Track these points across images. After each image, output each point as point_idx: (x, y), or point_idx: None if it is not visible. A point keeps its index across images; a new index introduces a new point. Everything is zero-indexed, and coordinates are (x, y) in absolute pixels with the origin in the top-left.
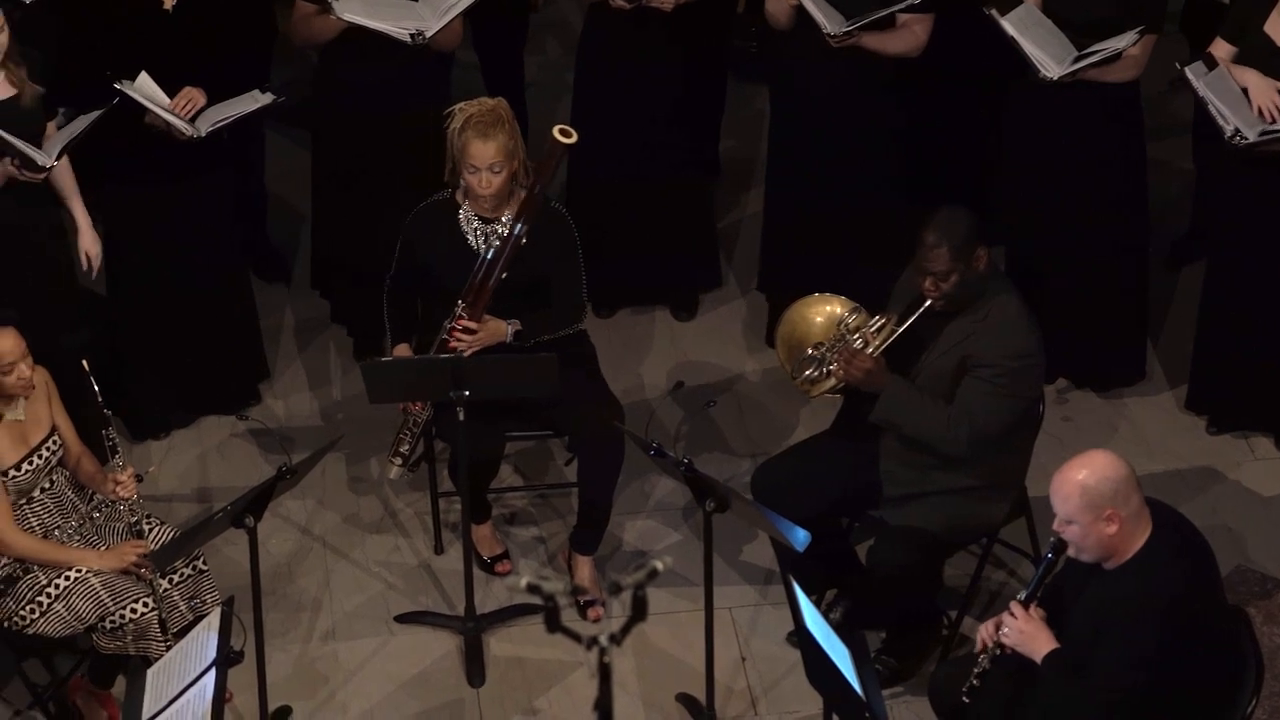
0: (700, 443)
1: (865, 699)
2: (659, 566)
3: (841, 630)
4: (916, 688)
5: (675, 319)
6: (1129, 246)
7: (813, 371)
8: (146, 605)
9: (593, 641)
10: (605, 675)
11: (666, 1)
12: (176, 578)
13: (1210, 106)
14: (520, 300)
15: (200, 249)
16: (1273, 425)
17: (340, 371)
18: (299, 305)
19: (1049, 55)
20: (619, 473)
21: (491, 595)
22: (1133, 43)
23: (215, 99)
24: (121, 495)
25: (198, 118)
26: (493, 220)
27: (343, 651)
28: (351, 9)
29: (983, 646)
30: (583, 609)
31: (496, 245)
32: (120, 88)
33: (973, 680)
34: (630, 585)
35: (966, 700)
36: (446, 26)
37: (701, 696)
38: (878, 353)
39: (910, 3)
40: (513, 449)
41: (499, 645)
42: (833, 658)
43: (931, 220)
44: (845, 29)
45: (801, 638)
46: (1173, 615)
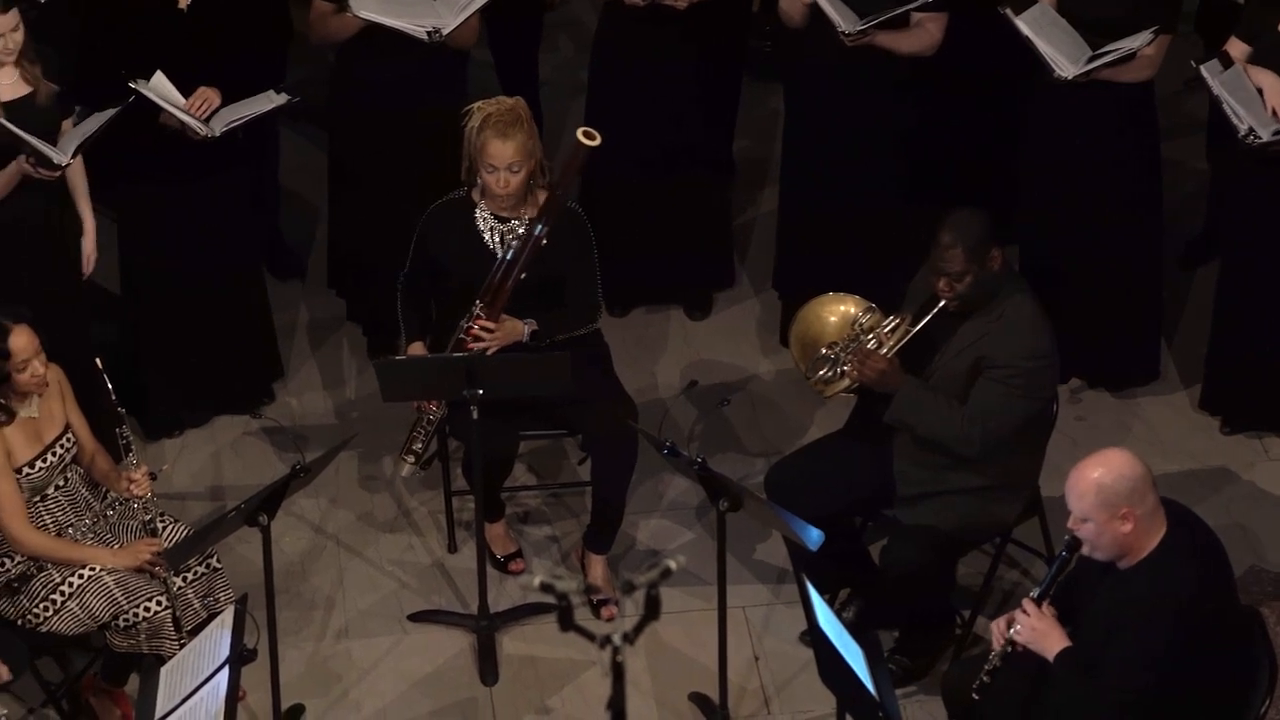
0: (714, 442)
1: (879, 698)
2: (672, 566)
3: (855, 629)
4: (930, 687)
5: (689, 318)
6: (1143, 246)
7: (827, 371)
8: (160, 604)
9: (606, 640)
10: (618, 674)
11: (680, 0)
12: (190, 576)
13: (1225, 105)
14: (535, 300)
15: (215, 248)
16: None
17: (354, 370)
18: (314, 303)
19: (1064, 55)
20: (632, 472)
21: (505, 594)
22: (1147, 42)
23: (230, 99)
24: (135, 493)
25: (212, 118)
26: (509, 219)
27: (356, 650)
28: (368, 7)
29: (996, 643)
30: (596, 608)
31: (516, 245)
32: (135, 87)
33: (983, 677)
34: (643, 584)
35: (976, 697)
36: (463, 24)
37: (714, 696)
38: (892, 353)
39: (924, 1)
40: (526, 448)
41: (512, 644)
42: (846, 657)
43: (946, 221)
44: (860, 27)
45: (815, 637)
46: (1186, 616)
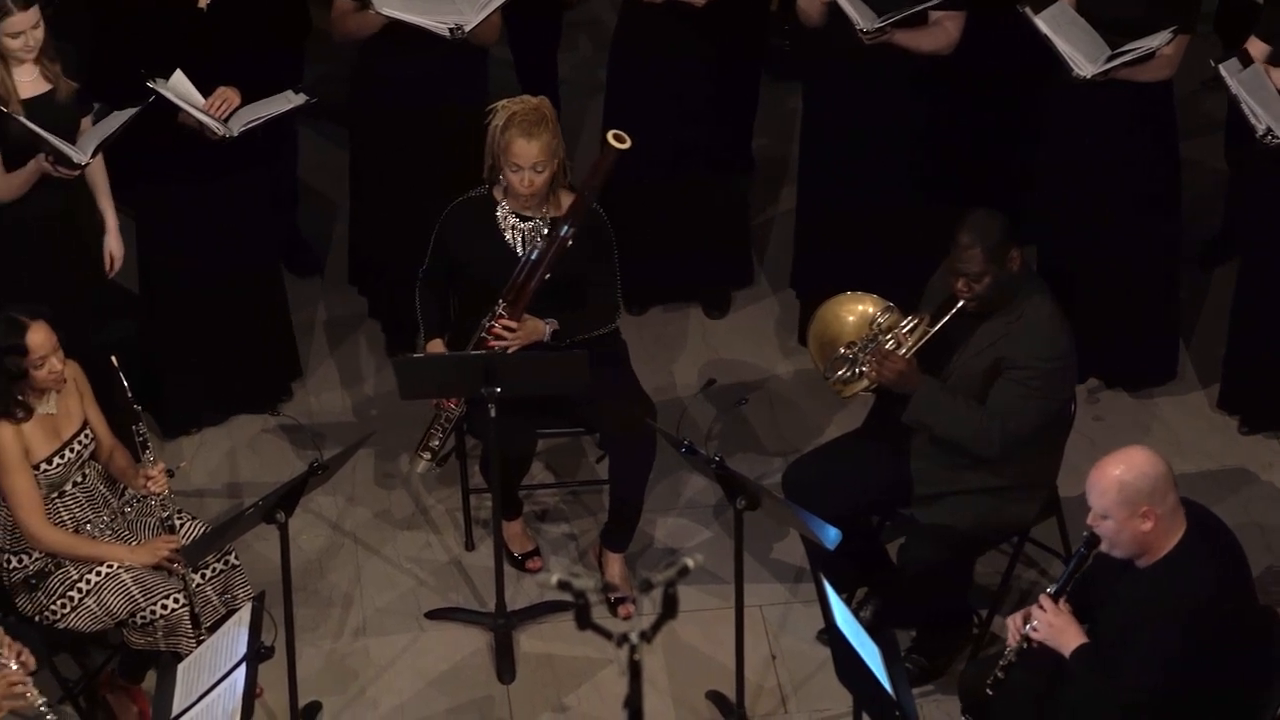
0: (731, 441)
1: (895, 697)
2: (689, 564)
3: (872, 628)
4: (947, 686)
5: (707, 317)
6: (1161, 246)
7: (845, 372)
8: (177, 601)
9: (623, 639)
10: (635, 673)
11: None
12: (209, 573)
13: (1243, 105)
14: (555, 299)
15: (233, 247)
16: None
17: (373, 367)
18: (332, 300)
19: (1082, 54)
20: (650, 470)
21: (522, 592)
22: (1166, 42)
23: (249, 98)
24: (153, 490)
25: (231, 118)
26: (530, 218)
27: (373, 647)
28: (390, 3)
29: (1011, 639)
30: (613, 606)
31: (541, 246)
32: (154, 86)
33: (997, 673)
34: (661, 583)
35: (990, 692)
36: (485, 20)
37: (731, 694)
38: (910, 354)
39: None
40: (544, 446)
41: (529, 642)
42: (863, 656)
43: (965, 221)
44: (878, 25)
45: (832, 636)
46: (1203, 616)
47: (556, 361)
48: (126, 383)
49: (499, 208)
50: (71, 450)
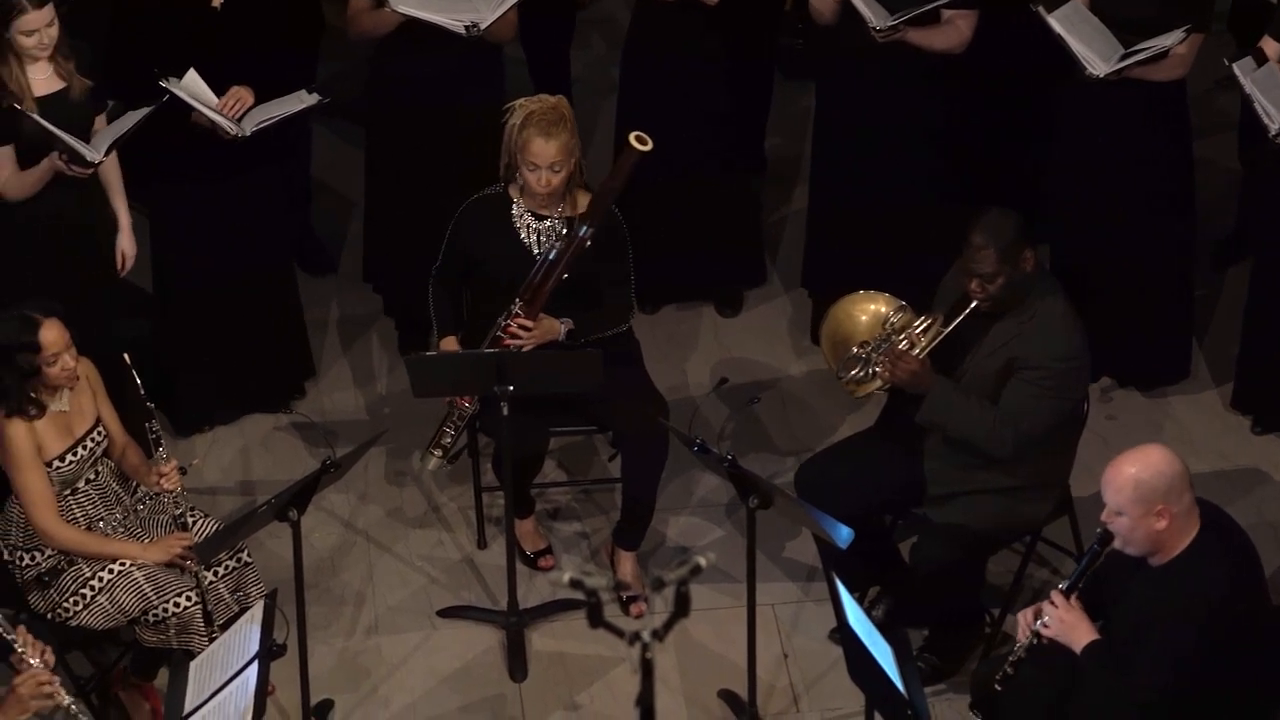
0: (744, 439)
1: (907, 696)
2: (702, 563)
3: (884, 627)
4: (959, 686)
5: (720, 315)
6: (1175, 245)
7: (858, 371)
8: (190, 599)
9: (635, 637)
10: (647, 671)
11: None
12: (221, 570)
13: (1256, 104)
14: (570, 299)
15: (246, 246)
16: None
17: (386, 366)
18: (346, 298)
19: (1095, 53)
20: (663, 469)
21: (534, 590)
22: (1179, 41)
23: (263, 98)
24: (165, 488)
25: (244, 117)
26: (546, 216)
27: (385, 645)
28: (406, 1)
29: (1021, 634)
30: (625, 605)
31: (560, 246)
32: (167, 86)
33: (1006, 668)
34: (673, 581)
35: (999, 687)
36: (501, 18)
37: (743, 693)
38: (923, 354)
39: None
40: (557, 444)
41: (541, 640)
42: (875, 655)
43: (978, 222)
44: (891, 23)
45: (844, 635)
46: (1215, 616)
47: (570, 360)
48: (140, 380)
49: (514, 206)
50: (84, 448)
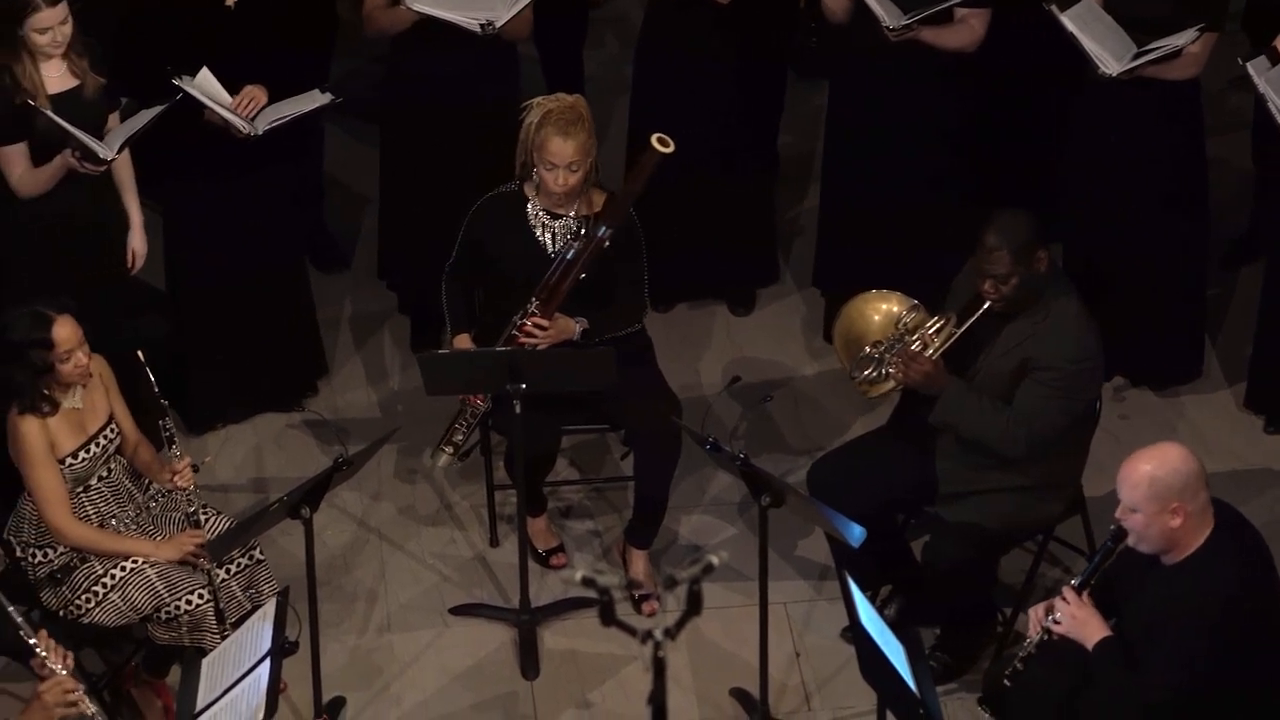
0: (756, 438)
1: (920, 695)
2: (714, 561)
3: (896, 626)
4: (971, 684)
5: (732, 314)
6: (1188, 244)
7: (871, 372)
8: (202, 597)
9: (647, 635)
10: (659, 669)
11: None
12: (234, 568)
13: (1270, 103)
14: (584, 298)
15: (258, 244)
16: None
17: (398, 363)
18: (359, 295)
19: (1109, 52)
20: (675, 467)
21: (546, 588)
22: (1192, 40)
23: (276, 97)
24: (178, 485)
25: (257, 116)
26: (561, 215)
27: (397, 643)
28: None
29: (1032, 630)
30: (637, 603)
31: (578, 246)
32: (179, 84)
33: (1016, 664)
34: (685, 579)
35: (1008, 683)
36: (517, 16)
37: (755, 691)
38: (937, 355)
39: None
40: (569, 442)
41: (553, 638)
42: (887, 654)
43: (992, 223)
44: (904, 22)
45: (856, 633)
46: (1228, 616)
47: (582, 358)
48: (153, 378)
49: (530, 204)
50: (97, 445)
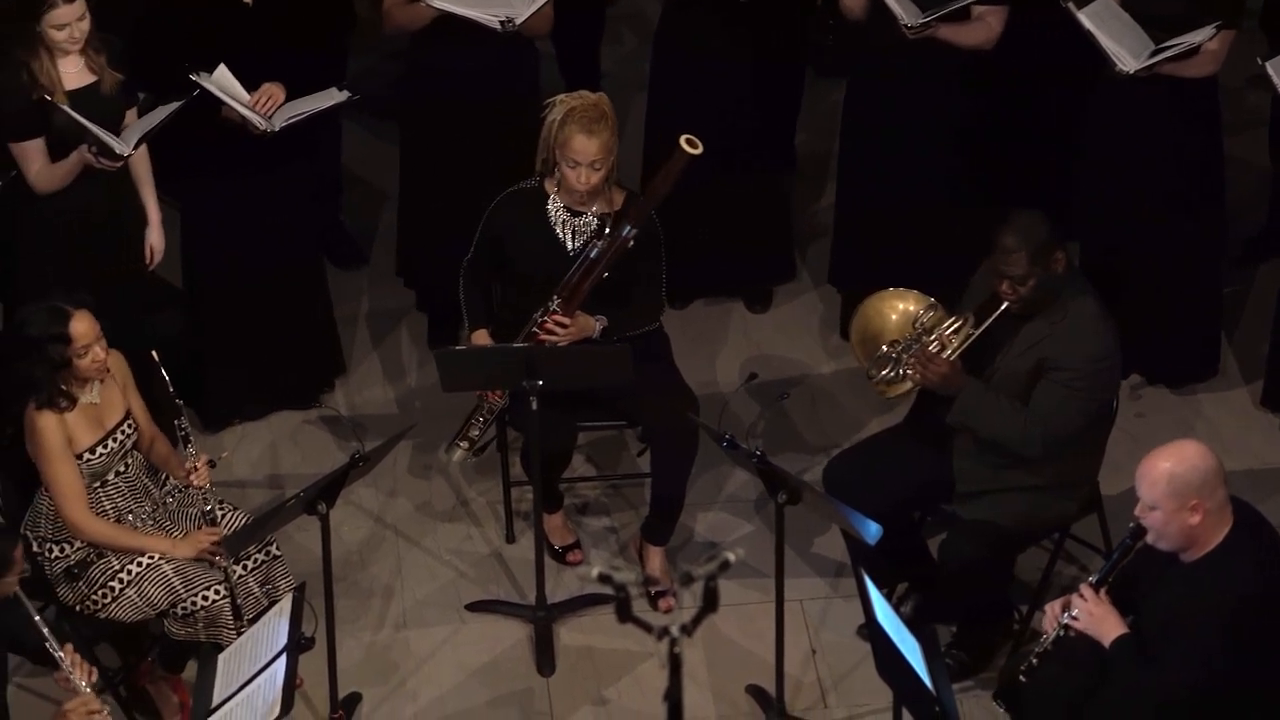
0: (773, 435)
1: (935, 693)
2: (730, 558)
3: (912, 624)
4: (987, 682)
5: (749, 311)
6: (1204, 243)
7: (889, 372)
8: (218, 593)
9: (663, 632)
10: (675, 666)
11: None
12: (250, 564)
13: None
14: (601, 295)
15: (276, 241)
16: None
17: (415, 360)
18: (376, 292)
19: (1126, 49)
20: (692, 464)
21: (562, 585)
22: (1209, 37)
23: (294, 94)
24: (195, 483)
25: (274, 113)
26: (581, 212)
27: (414, 639)
28: None
29: (1049, 626)
30: (654, 599)
31: (601, 245)
32: (197, 80)
33: (1032, 660)
34: (701, 576)
35: (1023, 679)
36: (537, 12)
37: (771, 688)
38: (954, 356)
39: None
40: (586, 439)
41: (569, 635)
42: (903, 651)
43: (1009, 224)
44: (922, 20)
45: (872, 631)
46: (1245, 614)
47: (599, 355)
48: (168, 377)
49: (550, 201)
50: (114, 440)
